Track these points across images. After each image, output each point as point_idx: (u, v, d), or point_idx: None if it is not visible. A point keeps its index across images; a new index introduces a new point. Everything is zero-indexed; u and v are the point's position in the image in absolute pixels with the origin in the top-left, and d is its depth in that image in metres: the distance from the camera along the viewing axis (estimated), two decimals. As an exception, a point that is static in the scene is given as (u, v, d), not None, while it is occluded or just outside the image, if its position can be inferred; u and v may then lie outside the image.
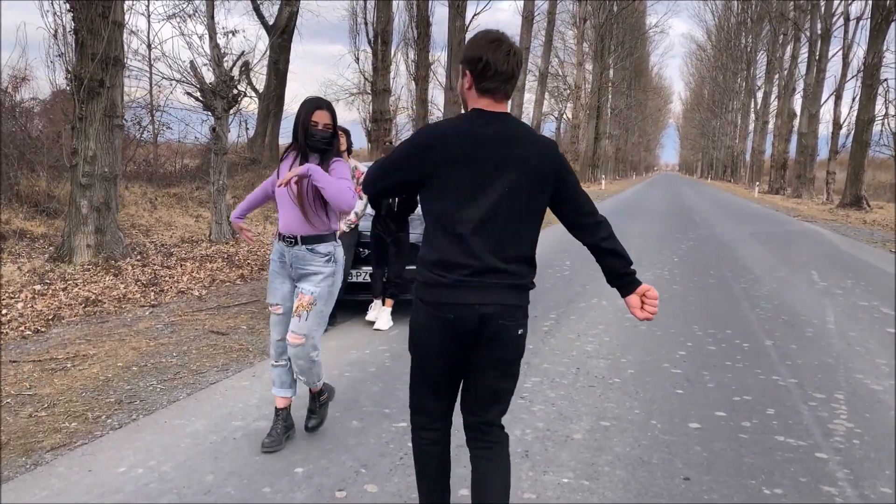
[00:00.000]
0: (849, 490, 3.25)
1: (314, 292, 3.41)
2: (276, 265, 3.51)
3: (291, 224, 3.40)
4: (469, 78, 2.28)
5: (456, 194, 2.21)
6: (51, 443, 3.48)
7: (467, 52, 2.30)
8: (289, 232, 3.41)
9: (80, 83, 8.64)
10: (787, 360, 5.38)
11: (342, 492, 3.06)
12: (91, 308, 6.61)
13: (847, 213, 24.60)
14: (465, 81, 2.30)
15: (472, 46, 2.29)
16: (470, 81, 2.28)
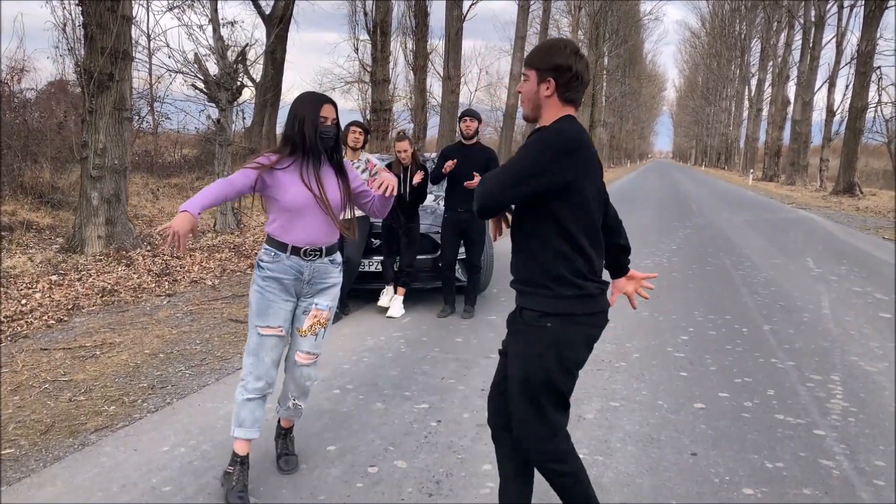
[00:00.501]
0: (845, 463, 3.47)
1: (330, 306, 3.13)
2: (278, 285, 2.97)
3: (317, 235, 2.98)
4: (553, 85, 2.31)
5: (594, 201, 2.30)
6: (94, 425, 3.68)
7: (552, 59, 2.31)
8: (312, 244, 2.98)
9: (90, 77, 8.77)
10: (784, 344, 5.61)
11: (374, 467, 3.27)
12: (108, 298, 6.79)
13: (840, 200, 24.88)
14: (544, 87, 2.32)
15: (557, 55, 2.32)
16: (553, 89, 2.32)
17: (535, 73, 2.34)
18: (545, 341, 2.27)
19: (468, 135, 6.09)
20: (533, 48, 2.41)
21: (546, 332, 2.27)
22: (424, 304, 6.60)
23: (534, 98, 2.36)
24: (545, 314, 2.27)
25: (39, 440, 3.48)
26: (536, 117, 2.39)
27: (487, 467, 3.30)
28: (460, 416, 3.92)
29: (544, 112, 2.36)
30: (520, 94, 2.42)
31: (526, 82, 2.38)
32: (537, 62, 2.34)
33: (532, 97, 2.37)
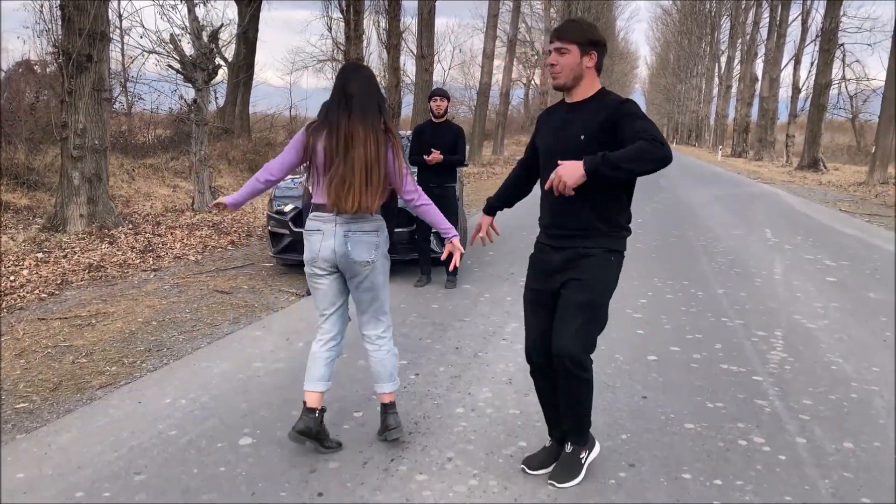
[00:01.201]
0: (777, 402, 3.92)
1: None
2: None
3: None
4: (595, 58, 2.78)
5: None
6: (98, 382, 4.00)
7: (594, 35, 2.77)
8: None
9: (69, 58, 8.92)
10: (735, 306, 6.07)
11: (359, 412, 3.64)
12: (95, 273, 7.04)
13: (805, 175, 25.58)
14: (587, 59, 2.77)
15: (594, 32, 2.79)
16: (594, 61, 2.78)
17: (577, 46, 2.75)
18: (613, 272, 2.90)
19: (439, 114, 6.43)
20: (566, 25, 2.81)
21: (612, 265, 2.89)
22: (401, 274, 6.95)
23: (576, 69, 2.76)
24: (611, 251, 2.87)
25: (50, 396, 3.79)
26: (574, 86, 2.81)
27: (461, 410, 3.69)
28: (437, 370, 4.30)
29: (584, 81, 2.80)
30: (553, 65, 2.78)
31: (565, 55, 2.76)
32: (579, 37, 2.75)
33: (574, 68, 2.76)
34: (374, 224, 3.15)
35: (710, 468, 3.13)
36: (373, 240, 3.13)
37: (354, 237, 3.09)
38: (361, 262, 3.11)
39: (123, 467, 3.01)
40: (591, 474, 3.03)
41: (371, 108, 3.05)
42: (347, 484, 2.92)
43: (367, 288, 3.18)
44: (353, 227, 3.09)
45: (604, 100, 2.80)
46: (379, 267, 3.17)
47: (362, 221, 3.11)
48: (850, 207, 14.83)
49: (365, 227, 3.11)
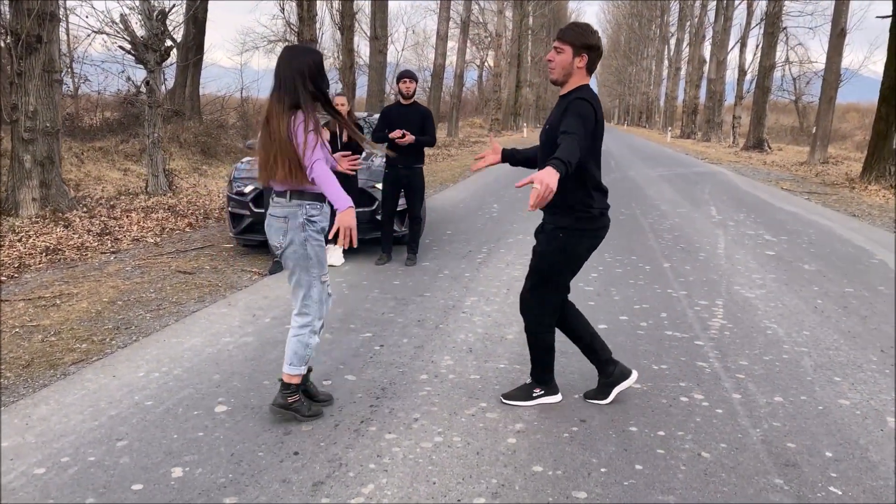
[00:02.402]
0: (716, 364, 4.24)
1: None
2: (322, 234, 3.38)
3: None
4: (586, 60, 3.18)
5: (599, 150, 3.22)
6: (70, 359, 4.10)
7: (588, 39, 3.16)
8: None
9: (17, 39, 8.78)
10: (680, 278, 6.41)
11: (328, 381, 3.83)
12: (53, 256, 7.03)
13: (750, 156, 26.41)
14: (578, 60, 3.16)
15: (591, 35, 3.17)
16: (585, 63, 3.18)
17: (571, 48, 3.13)
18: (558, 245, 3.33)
19: (408, 95, 6.58)
20: (567, 27, 3.19)
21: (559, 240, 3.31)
22: (363, 253, 7.12)
23: (567, 67, 3.18)
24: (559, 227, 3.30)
25: (23, 373, 3.89)
26: (565, 82, 3.22)
27: (424, 377, 3.91)
28: (400, 342, 4.51)
29: (572, 78, 3.20)
30: (550, 61, 3.18)
31: (561, 54, 3.15)
32: (574, 39, 3.14)
33: (566, 66, 3.18)
34: (284, 210, 3.21)
35: (653, 421, 3.42)
36: (281, 226, 3.22)
37: (268, 221, 3.29)
38: (273, 245, 3.30)
39: (105, 434, 3.15)
40: (546, 429, 3.29)
41: (286, 87, 3.12)
42: (321, 443, 3.12)
43: (285, 266, 3.34)
44: (272, 211, 3.27)
45: (570, 97, 3.20)
46: (289, 253, 3.24)
47: (277, 206, 3.24)
48: (792, 186, 15.47)
49: (277, 211, 3.24)
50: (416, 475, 2.87)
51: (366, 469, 2.91)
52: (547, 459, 3.03)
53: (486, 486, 2.80)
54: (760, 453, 3.13)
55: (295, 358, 3.31)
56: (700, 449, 3.15)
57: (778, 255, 7.54)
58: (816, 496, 2.79)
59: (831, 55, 21.32)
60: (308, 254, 3.25)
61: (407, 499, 2.69)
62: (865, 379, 4.05)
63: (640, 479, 2.88)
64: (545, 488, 2.80)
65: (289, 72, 3.14)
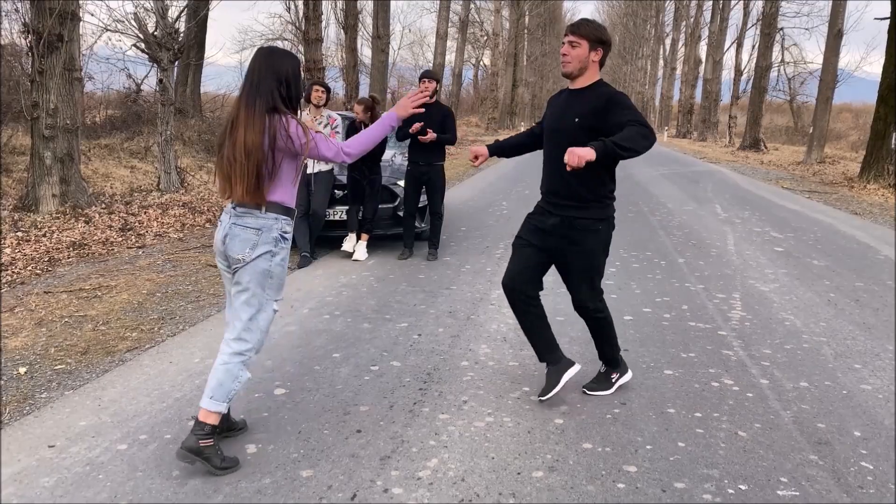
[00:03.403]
0: (741, 352, 4.45)
1: None
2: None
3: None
4: (601, 54, 3.32)
5: None
6: (124, 346, 4.27)
7: (603, 35, 3.30)
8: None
9: (39, 37, 8.91)
10: (695, 273, 6.62)
11: (375, 366, 4.02)
12: (81, 251, 7.19)
13: (746, 155, 26.71)
14: (594, 54, 3.30)
15: (604, 32, 3.31)
16: (600, 57, 3.32)
17: (588, 43, 3.28)
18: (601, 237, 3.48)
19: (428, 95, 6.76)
20: (580, 22, 3.32)
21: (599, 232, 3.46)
22: (385, 248, 7.30)
23: (584, 61, 3.30)
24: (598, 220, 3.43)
25: (83, 359, 4.06)
26: (579, 75, 3.34)
27: (465, 364, 4.10)
28: (436, 331, 4.70)
29: (587, 73, 3.33)
30: (565, 55, 3.30)
31: (577, 48, 3.28)
32: (590, 34, 3.28)
33: (582, 60, 3.30)
34: (259, 222, 2.88)
35: (689, 404, 3.62)
36: (251, 237, 2.87)
37: (234, 231, 2.89)
38: (233, 257, 2.89)
39: (175, 414, 3.33)
40: (590, 410, 3.49)
41: (260, 91, 2.82)
42: (380, 422, 3.30)
43: (235, 282, 2.93)
44: (237, 221, 2.89)
45: (599, 90, 3.35)
46: (250, 269, 2.87)
47: (247, 216, 2.89)
48: (791, 185, 15.74)
49: (248, 221, 2.88)
50: (474, 451, 3.06)
51: (427, 445, 3.10)
52: (594, 437, 3.22)
53: (542, 460, 3.00)
54: (793, 432, 3.33)
55: (219, 391, 2.86)
56: (736, 428, 3.35)
57: (787, 252, 7.76)
58: (850, 470, 2.99)
59: (828, 56, 21.62)
60: (272, 271, 2.91)
61: (469, 472, 2.88)
62: (884, 367, 4.26)
63: (685, 455, 3.07)
64: (597, 463, 2.99)
65: (266, 74, 2.85)
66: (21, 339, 4.38)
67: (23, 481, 2.73)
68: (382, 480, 2.80)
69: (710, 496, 2.76)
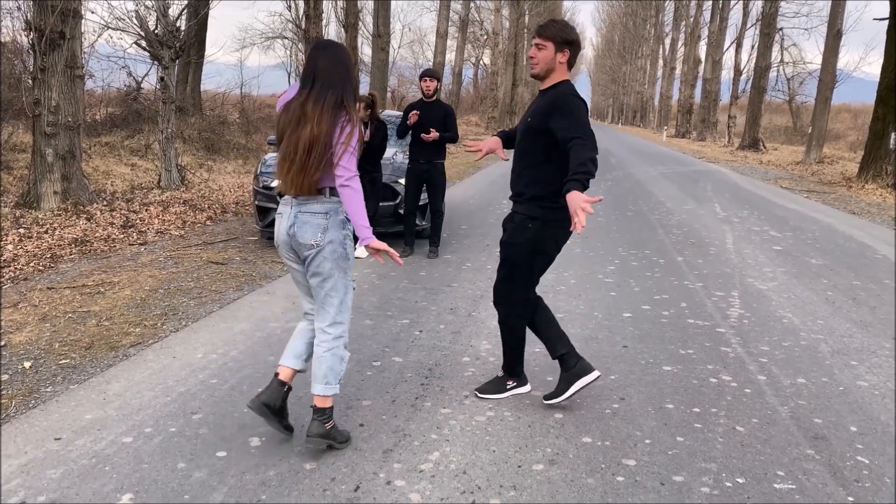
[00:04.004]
0: (739, 349, 4.49)
1: None
2: None
3: None
4: (568, 55, 3.25)
5: None
6: (128, 342, 4.31)
7: (569, 35, 3.24)
8: None
9: (41, 35, 8.94)
10: (694, 271, 6.66)
11: (377, 362, 4.06)
12: (83, 248, 7.22)
13: (746, 155, 26.76)
14: (560, 56, 3.23)
15: (571, 33, 3.25)
16: (567, 58, 3.25)
17: (553, 44, 3.21)
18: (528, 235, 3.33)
19: (428, 94, 6.80)
20: (547, 24, 3.27)
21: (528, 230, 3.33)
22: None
23: (550, 63, 3.24)
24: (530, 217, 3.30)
25: (87, 354, 4.09)
26: (546, 76, 3.28)
27: (466, 359, 4.14)
28: (437, 328, 4.74)
29: (554, 74, 3.28)
30: (532, 57, 3.26)
31: (542, 50, 3.23)
32: (556, 35, 3.21)
33: (548, 62, 3.24)
34: (325, 206, 2.95)
35: (688, 399, 3.66)
36: (320, 222, 2.93)
37: (302, 218, 2.94)
38: (306, 244, 2.93)
39: (179, 408, 3.36)
40: (589, 405, 3.53)
41: (329, 86, 2.89)
42: (383, 416, 3.34)
43: (314, 273, 2.98)
44: (303, 209, 2.95)
45: (553, 91, 3.28)
46: (327, 253, 2.94)
47: (313, 202, 2.95)
48: (790, 185, 15.78)
49: (315, 207, 2.94)
50: (476, 444, 3.10)
51: (429, 439, 3.14)
52: (594, 432, 3.26)
53: (542, 454, 3.04)
54: (790, 427, 3.37)
55: (331, 375, 2.99)
56: (734, 423, 3.39)
57: (785, 251, 7.81)
58: (846, 464, 3.03)
59: (827, 56, 21.66)
60: (347, 253, 3.02)
61: (471, 465, 2.92)
62: (880, 363, 4.31)
63: (683, 450, 3.11)
64: (596, 456, 3.03)
65: (333, 66, 2.92)
66: (25, 334, 4.41)
67: (30, 473, 2.77)
68: (385, 473, 2.84)
69: (708, 489, 2.80)
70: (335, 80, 2.91)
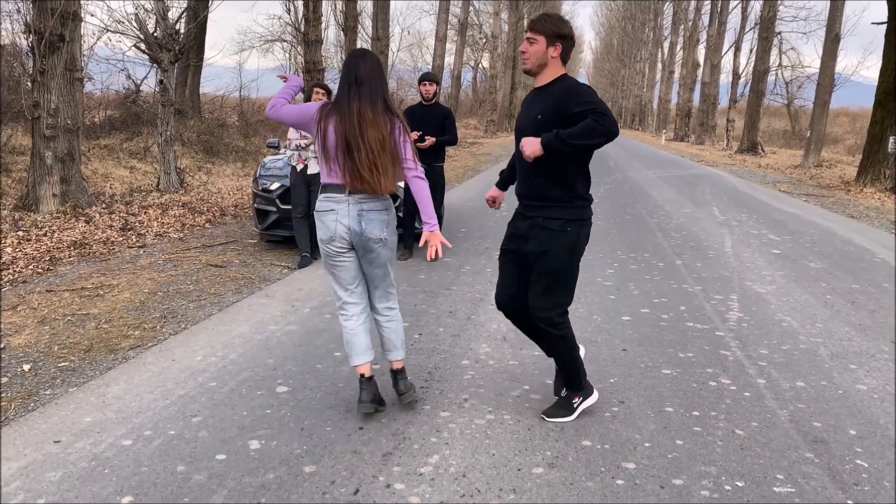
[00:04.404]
0: (738, 352, 4.49)
1: None
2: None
3: None
4: (559, 49, 3.14)
5: None
6: (127, 344, 4.31)
7: (561, 29, 3.12)
8: None
9: (41, 37, 8.95)
10: (693, 274, 6.67)
11: (377, 365, 4.04)
12: (81, 250, 7.22)
13: (744, 158, 26.79)
14: (552, 50, 3.12)
15: (563, 25, 3.15)
16: (558, 52, 3.14)
17: (545, 38, 3.11)
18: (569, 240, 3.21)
19: (427, 97, 6.81)
20: (539, 18, 3.17)
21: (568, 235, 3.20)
22: (383, 248, 7.33)
23: (542, 57, 3.14)
24: (567, 221, 3.19)
25: (86, 356, 4.09)
26: (539, 72, 3.18)
27: (466, 363, 4.14)
28: (437, 331, 4.74)
29: (548, 69, 3.17)
30: (524, 52, 3.16)
31: (534, 45, 3.13)
32: (547, 29, 3.12)
33: (540, 56, 3.14)
34: (385, 203, 3.28)
35: (687, 403, 3.66)
36: (384, 217, 3.27)
37: (368, 216, 3.21)
38: (375, 238, 3.24)
39: (179, 411, 3.36)
40: (589, 409, 3.52)
41: (377, 92, 3.19)
42: (382, 419, 3.35)
43: (379, 264, 3.33)
44: (366, 206, 3.21)
45: (560, 84, 3.14)
46: (391, 244, 3.33)
47: (374, 200, 3.23)
48: (788, 188, 15.80)
49: (377, 205, 3.24)
50: (475, 448, 3.10)
51: (428, 442, 3.14)
52: (594, 435, 3.26)
53: (542, 457, 3.04)
54: (790, 431, 3.37)
55: (401, 341, 3.52)
56: (733, 427, 3.40)
57: (784, 254, 7.82)
58: (845, 468, 3.04)
59: (825, 60, 21.71)
60: (394, 244, 3.41)
61: (471, 468, 2.92)
62: (879, 367, 4.31)
63: (683, 453, 3.11)
64: (596, 459, 3.03)
65: (375, 75, 3.20)
66: (24, 336, 4.41)
67: (29, 475, 2.76)
68: (385, 476, 2.84)
69: (708, 492, 2.80)
70: (378, 86, 3.21)
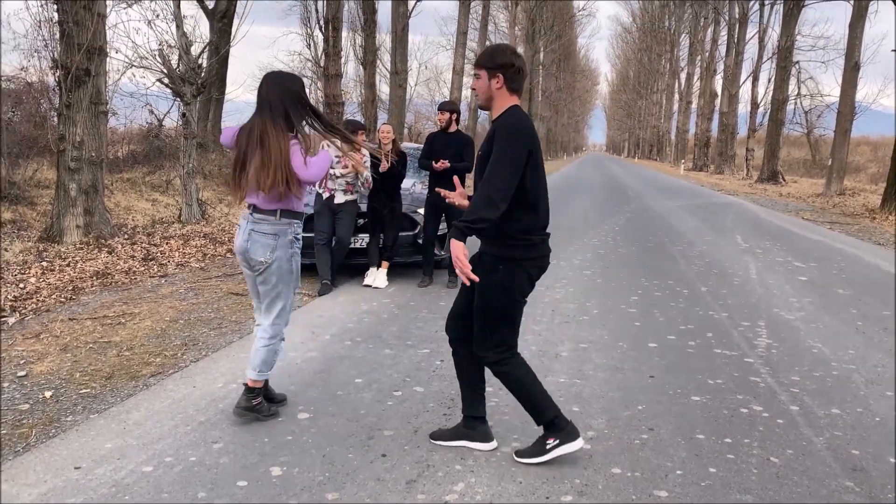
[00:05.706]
0: (769, 379, 4.38)
1: None
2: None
3: None
4: (501, 80, 2.99)
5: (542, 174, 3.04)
6: (148, 371, 4.28)
7: (498, 59, 2.99)
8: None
9: (67, 72, 9.13)
10: (719, 301, 6.55)
11: (398, 392, 3.99)
12: (104, 280, 7.25)
13: (765, 187, 26.58)
14: (494, 82, 2.99)
15: (501, 55, 3.02)
16: (501, 83, 3.00)
17: (486, 71, 3.02)
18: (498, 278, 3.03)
19: (442, 126, 6.83)
20: (480, 53, 3.09)
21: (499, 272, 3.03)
22: (404, 276, 7.30)
23: (487, 91, 3.04)
24: (498, 258, 3.03)
25: (107, 383, 4.07)
26: (490, 106, 3.09)
27: (490, 389, 4.05)
28: (458, 357, 4.66)
29: (496, 102, 3.05)
30: (474, 89, 3.12)
31: (479, 80, 3.06)
32: (486, 63, 3.03)
33: (486, 91, 3.04)
34: (275, 228, 3.40)
35: (718, 430, 3.56)
36: (270, 242, 3.40)
37: (254, 237, 3.41)
38: (255, 261, 3.44)
39: (200, 437, 3.31)
40: (617, 436, 3.43)
41: (279, 111, 3.33)
42: (405, 447, 3.27)
43: (262, 282, 3.50)
44: (256, 228, 3.41)
45: (499, 121, 3.03)
46: (274, 269, 3.43)
47: (263, 223, 3.41)
48: (812, 216, 15.62)
49: (265, 228, 3.40)
50: (501, 475, 3.02)
51: (453, 469, 3.06)
52: (623, 463, 3.17)
53: (571, 485, 2.95)
54: (827, 459, 3.26)
55: (264, 365, 3.54)
56: (768, 455, 3.28)
57: (811, 281, 7.68)
58: (888, 497, 2.91)
59: (845, 88, 21.61)
60: (292, 268, 3.51)
61: (497, 496, 2.83)
62: (917, 393, 4.17)
63: (716, 481, 3.01)
64: (626, 488, 2.94)
65: (278, 94, 3.35)
66: (47, 364, 4.40)
67: (50, 501, 2.72)
68: (409, 504, 2.76)
69: (745, 522, 2.69)
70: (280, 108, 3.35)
